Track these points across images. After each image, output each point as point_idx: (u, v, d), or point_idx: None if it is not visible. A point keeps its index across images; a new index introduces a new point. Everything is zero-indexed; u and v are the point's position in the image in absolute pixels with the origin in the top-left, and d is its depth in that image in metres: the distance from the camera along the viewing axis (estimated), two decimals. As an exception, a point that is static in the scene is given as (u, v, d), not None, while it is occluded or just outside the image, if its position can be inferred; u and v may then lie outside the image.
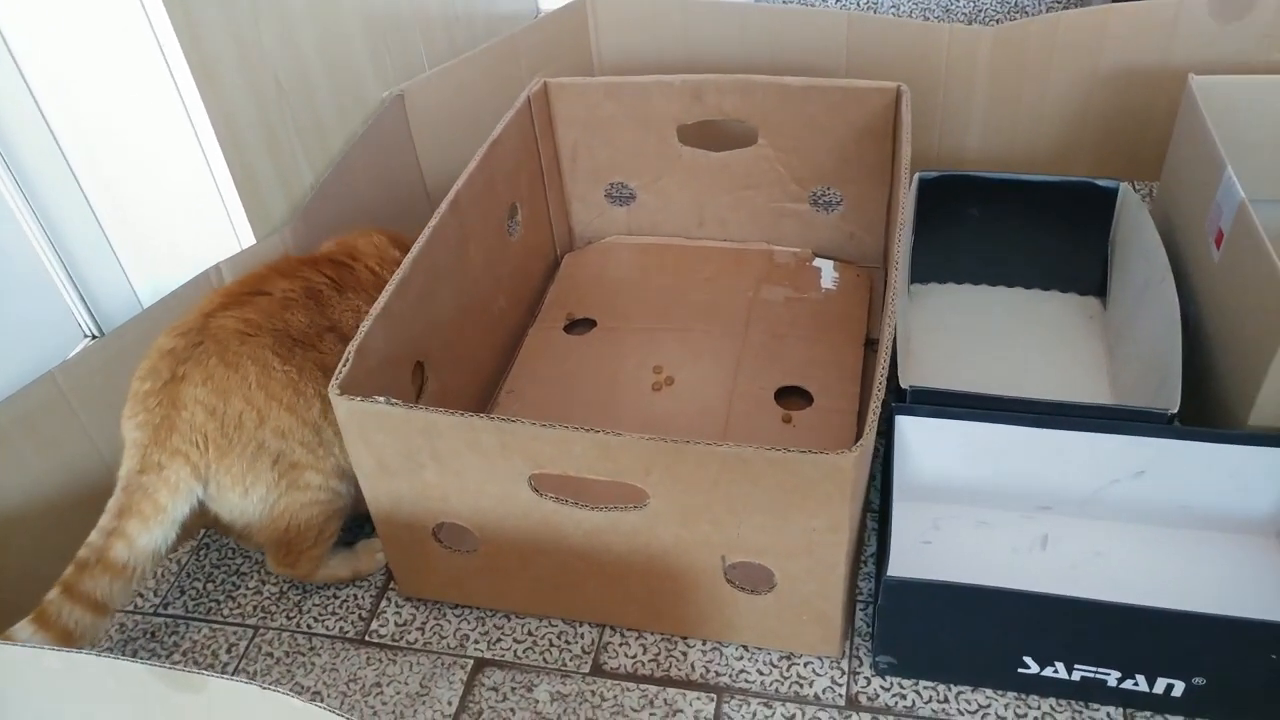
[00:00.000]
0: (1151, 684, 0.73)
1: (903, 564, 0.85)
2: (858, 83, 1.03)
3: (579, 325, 1.10)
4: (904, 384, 0.85)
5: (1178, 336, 0.86)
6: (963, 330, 1.08)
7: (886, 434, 0.85)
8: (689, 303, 1.10)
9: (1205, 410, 0.90)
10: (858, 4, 1.62)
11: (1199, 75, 0.98)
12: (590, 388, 1.02)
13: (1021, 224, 1.08)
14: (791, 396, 0.99)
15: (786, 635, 0.80)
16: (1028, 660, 0.74)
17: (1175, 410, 0.81)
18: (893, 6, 1.62)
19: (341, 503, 0.85)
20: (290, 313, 0.83)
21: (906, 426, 0.85)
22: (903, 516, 0.89)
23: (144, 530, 0.75)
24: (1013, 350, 1.05)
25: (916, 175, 1.07)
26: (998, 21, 1.50)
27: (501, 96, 1.09)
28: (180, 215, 0.93)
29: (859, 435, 0.69)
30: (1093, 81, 1.18)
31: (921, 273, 1.13)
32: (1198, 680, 0.71)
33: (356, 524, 0.90)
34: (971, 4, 1.60)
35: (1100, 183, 1.04)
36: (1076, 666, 0.74)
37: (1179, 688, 0.72)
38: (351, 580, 0.90)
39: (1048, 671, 0.75)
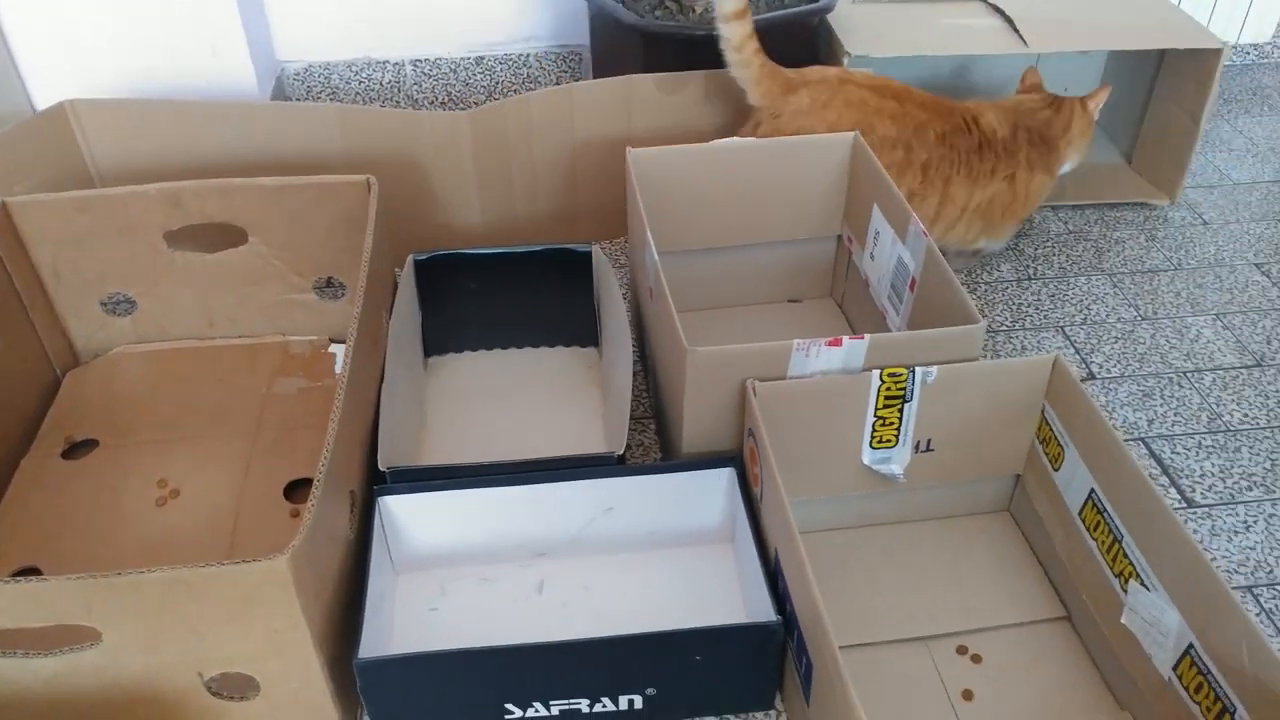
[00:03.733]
0: (616, 703, 0.82)
1: (408, 635, 0.90)
2: (330, 178, 1.07)
3: (81, 448, 1.05)
4: (382, 466, 0.89)
5: (629, 384, 0.97)
6: (478, 395, 1.15)
7: (368, 515, 0.88)
8: (200, 408, 1.09)
9: (670, 442, 1.03)
10: (393, 74, 1.67)
11: (636, 148, 1.12)
12: (89, 514, 0.98)
13: (518, 290, 1.17)
14: (303, 489, 1.01)
15: (288, 733, 0.81)
16: (510, 707, 0.81)
17: (621, 452, 0.91)
18: (415, 84, 1.69)
19: None
20: (887, 120, 1.18)
21: (393, 505, 0.90)
22: (409, 589, 0.93)
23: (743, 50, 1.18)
24: (524, 406, 1.13)
25: (410, 257, 1.13)
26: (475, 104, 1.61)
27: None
28: None
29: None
30: (573, 152, 1.30)
31: (435, 345, 1.19)
32: (650, 691, 0.81)
33: None
34: (489, 78, 1.70)
35: (576, 247, 1.15)
36: (553, 702, 0.81)
37: (638, 701, 0.82)
38: None
39: (530, 713, 0.81)
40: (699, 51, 1.30)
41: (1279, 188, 1.52)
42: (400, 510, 0.90)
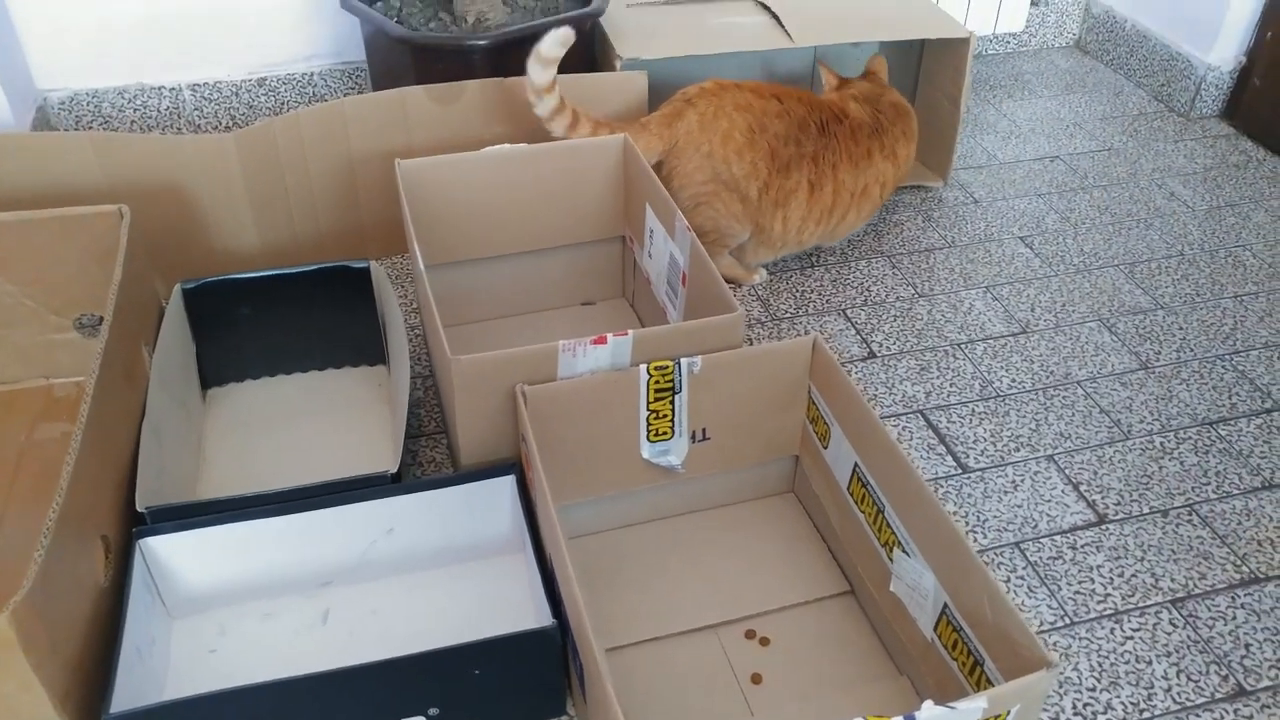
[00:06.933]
0: (400, 726, 0.80)
1: (184, 681, 0.86)
2: (78, 210, 1.02)
3: None
4: (140, 506, 0.85)
5: (405, 401, 0.96)
6: (262, 424, 1.11)
7: (126, 561, 0.84)
8: (-51, 463, 1.02)
9: (455, 455, 1.01)
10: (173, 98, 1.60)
11: (404, 159, 1.10)
12: None
13: (297, 312, 1.13)
14: (68, 539, 0.95)
15: (47, 801, 0.76)
16: (287, 743, 0.78)
17: (395, 470, 0.89)
18: (196, 109, 1.62)
19: (734, 236, 1.27)
20: (774, 118, 1.23)
21: (158, 547, 0.86)
22: (186, 633, 0.89)
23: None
24: (312, 431, 1.10)
25: (177, 286, 1.08)
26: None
27: None
28: None
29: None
30: (351, 167, 1.27)
31: (214, 376, 1.14)
32: (433, 711, 0.79)
33: None
34: (273, 99, 1.65)
35: (353, 264, 1.12)
36: (333, 733, 0.78)
37: (422, 722, 0.80)
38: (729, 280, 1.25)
39: (310, 746, 0.79)
40: (472, 61, 1.29)
41: (1039, 165, 1.62)
42: (167, 551, 0.86)
